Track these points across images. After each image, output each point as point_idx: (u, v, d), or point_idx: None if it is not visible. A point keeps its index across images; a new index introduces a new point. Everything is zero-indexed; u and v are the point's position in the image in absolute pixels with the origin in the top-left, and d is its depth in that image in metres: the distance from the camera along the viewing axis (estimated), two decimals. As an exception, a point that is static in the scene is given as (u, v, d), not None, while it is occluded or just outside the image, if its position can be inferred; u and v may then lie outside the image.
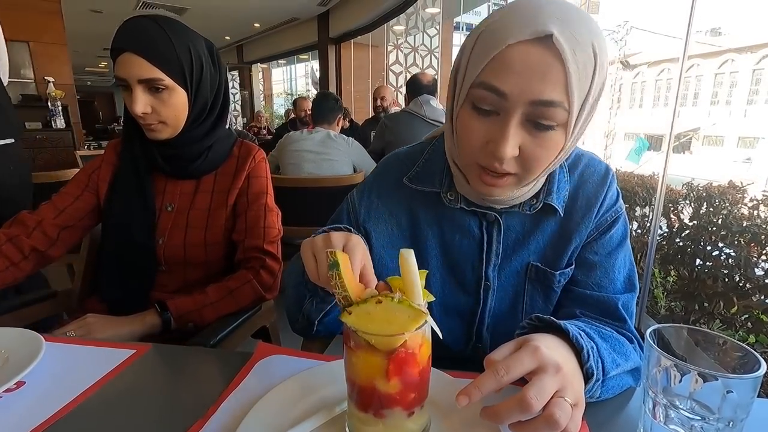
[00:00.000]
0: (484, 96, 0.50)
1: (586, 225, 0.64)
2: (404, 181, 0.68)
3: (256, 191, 1.01)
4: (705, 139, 25.65)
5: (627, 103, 29.83)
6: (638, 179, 2.45)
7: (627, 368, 0.55)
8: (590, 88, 0.50)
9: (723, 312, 1.68)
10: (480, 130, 0.52)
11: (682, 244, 1.97)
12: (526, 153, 0.52)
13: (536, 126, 0.50)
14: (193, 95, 0.90)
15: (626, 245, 0.67)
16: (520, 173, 0.54)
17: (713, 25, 33.13)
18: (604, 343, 0.53)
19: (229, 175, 1.01)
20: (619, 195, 0.67)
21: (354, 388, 0.43)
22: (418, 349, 0.41)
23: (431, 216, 0.67)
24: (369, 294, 0.41)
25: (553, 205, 0.63)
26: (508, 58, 0.48)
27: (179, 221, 0.97)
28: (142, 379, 0.58)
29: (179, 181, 0.99)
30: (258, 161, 1.03)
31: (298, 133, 2.35)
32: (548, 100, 0.48)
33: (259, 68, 12.14)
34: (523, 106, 0.49)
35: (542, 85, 0.47)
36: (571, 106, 0.49)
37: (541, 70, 0.47)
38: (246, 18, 8.34)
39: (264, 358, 0.61)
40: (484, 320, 0.68)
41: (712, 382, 0.38)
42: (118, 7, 7.40)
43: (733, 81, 24.25)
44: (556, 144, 0.52)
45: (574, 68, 0.47)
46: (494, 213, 0.64)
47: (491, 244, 0.65)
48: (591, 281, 0.64)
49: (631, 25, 20.44)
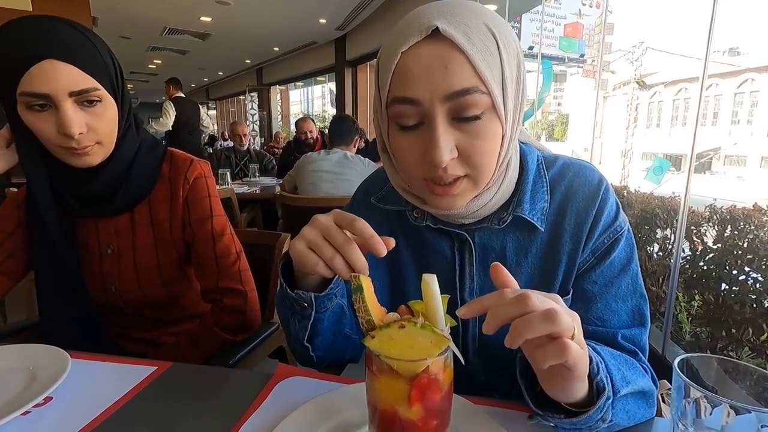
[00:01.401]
0: (401, 111, 0.50)
1: (577, 245, 0.58)
2: (372, 201, 0.67)
3: (198, 218, 0.87)
4: (726, 159, 25.11)
5: (644, 123, 29.52)
6: (658, 201, 2.40)
7: (639, 388, 0.50)
8: (502, 66, 0.49)
9: (752, 339, 1.61)
10: (413, 146, 0.51)
11: (706, 267, 1.91)
12: (464, 150, 0.50)
13: (463, 120, 0.49)
14: (120, 104, 0.77)
15: (631, 270, 0.59)
16: (471, 173, 0.52)
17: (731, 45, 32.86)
18: (612, 360, 0.49)
19: (164, 202, 0.86)
20: (618, 209, 0.60)
21: (375, 413, 0.43)
22: (440, 375, 0.41)
23: (407, 238, 0.66)
24: (391, 318, 0.42)
25: (524, 217, 0.58)
26: (406, 66, 0.48)
27: (125, 264, 0.85)
28: (164, 397, 0.59)
29: (111, 218, 0.84)
30: (194, 179, 0.87)
31: (316, 154, 2.40)
32: (461, 89, 0.47)
33: (277, 90, 12.47)
34: (440, 105, 0.47)
35: (448, 77, 0.46)
36: (489, 87, 0.47)
37: (441, 64, 0.46)
38: (266, 42, 8.64)
39: (283, 379, 0.61)
40: (468, 346, 0.64)
41: (745, 415, 0.37)
42: (145, 34, 7.78)
43: (754, 100, 23.84)
44: (492, 133, 0.50)
45: (474, 50, 0.46)
46: (464, 232, 0.60)
47: (464, 266, 0.62)
48: (592, 315, 0.57)
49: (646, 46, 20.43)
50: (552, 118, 43.02)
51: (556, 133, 40.70)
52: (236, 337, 0.87)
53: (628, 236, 0.59)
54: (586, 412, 0.44)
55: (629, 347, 0.57)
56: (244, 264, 0.91)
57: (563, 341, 0.37)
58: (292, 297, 0.55)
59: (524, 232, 0.60)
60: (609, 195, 0.60)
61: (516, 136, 0.54)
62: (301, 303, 0.55)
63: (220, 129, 14.76)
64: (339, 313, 0.61)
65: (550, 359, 0.38)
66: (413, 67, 0.47)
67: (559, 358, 0.37)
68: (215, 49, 8.90)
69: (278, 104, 12.59)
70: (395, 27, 0.51)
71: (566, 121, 40.57)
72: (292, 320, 0.59)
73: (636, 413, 0.51)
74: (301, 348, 0.61)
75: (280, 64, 10.66)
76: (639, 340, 0.57)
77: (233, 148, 4.00)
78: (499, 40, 0.48)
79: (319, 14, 6.62)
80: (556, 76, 20.50)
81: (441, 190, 0.52)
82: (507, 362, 0.57)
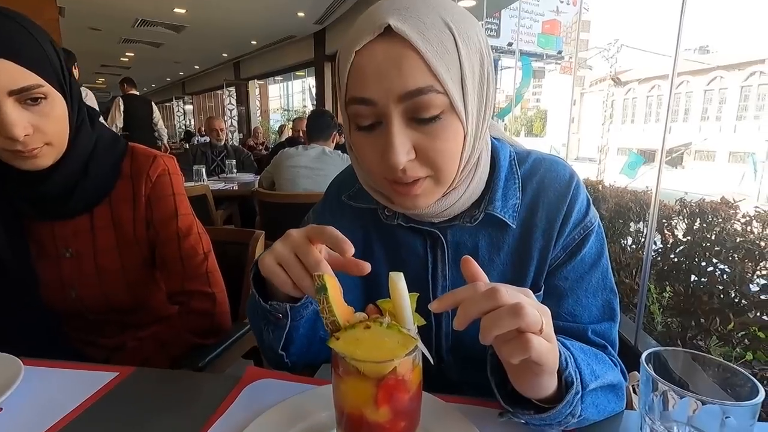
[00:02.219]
0: (358, 111, 0.49)
1: (549, 241, 0.58)
2: (343, 198, 0.65)
3: (161, 217, 0.82)
4: (696, 154, 26.01)
5: (619, 119, 30.29)
6: (631, 195, 2.46)
7: (608, 382, 0.51)
8: (461, 64, 0.47)
9: (720, 328, 1.67)
10: (371, 147, 0.50)
11: (677, 260, 1.97)
12: (423, 151, 0.49)
13: (420, 121, 0.47)
14: (70, 99, 0.71)
15: (602, 265, 0.59)
16: (432, 174, 0.51)
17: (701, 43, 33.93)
18: (582, 354, 0.49)
19: (126, 202, 0.81)
20: (589, 205, 0.59)
21: (342, 416, 0.42)
22: (408, 375, 0.40)
23: (380, 235, 0.64)
24: (358, 318, 0.40)
25: (496, 215, 0.57)
26: (360, 65, 0.47)
27: (86, 268, 0.80)
28: (125, 405, 0.56)
29: (68, 220, 0.79)
30: (156, 177, 0.82)
31: (294, 149, 2.36)
32: (415, 89, 0.45)
33: (255, 84, 12.26)
34: (395, 105, 0.46)
35: (402, 77, 0.45)
36: (445, 86, 0.46)
37: (395, 63, 0.45)
38: (243, 36, 8.47)
39: (252, 382, 0.60)
40: (442, 344, 0.63)
41: (710, 407, 0.37)
42: (116, 25, 7.51)
43: (722, 97, 24.74)
44: (452, 133, 0.49)
45: (428, 47, 0.45)
46: (436, 230, 0.59)
47: (436, 264, 0.61)
48: (563, 311, 0.57)
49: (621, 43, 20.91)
50: (531, 114, 43.67)
51: (535, 128, 41.36)
52: (206, 341, 0.84)
53: (598, 231, 0.59)
54: (555, 407, 0.44)
55: (599, 342, 0.57)
56: (212, 264, 0.87)
57: (526, 336, 0.37)
58: (266, 309, 0.53)
59: (496, 229, 0.59)
60: (580, 191, 0.59)
61: (482, 134, 0.53)
62: (275, 314, 0.53)
63: (197, 124, 14.44)
64: (314, 318, 0.59)
65: (515, 354, 0.38)
66: (367, 66, 0.46)
67: (523, 353, 0.37)
68: (191, 41, 8.68)
69: (257, 99, 12.39)
70: (354, 25, 0.50)
71: (545, 116, 41.26)
72: (265, 330, 0.57)
73: (606, 407, 0.51)
74: (275, 356, 0.60)
75: (258, 58, 10.47)
76: (609, 334, 0.58)
77: (209, 143, 3.90)
78: (458, 36, 0.47)
79: (297, 7, 6.52)
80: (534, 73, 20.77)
81: (403, 189, 0.51)
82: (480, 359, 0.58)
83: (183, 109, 20.18)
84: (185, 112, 20.37)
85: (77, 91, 0.73)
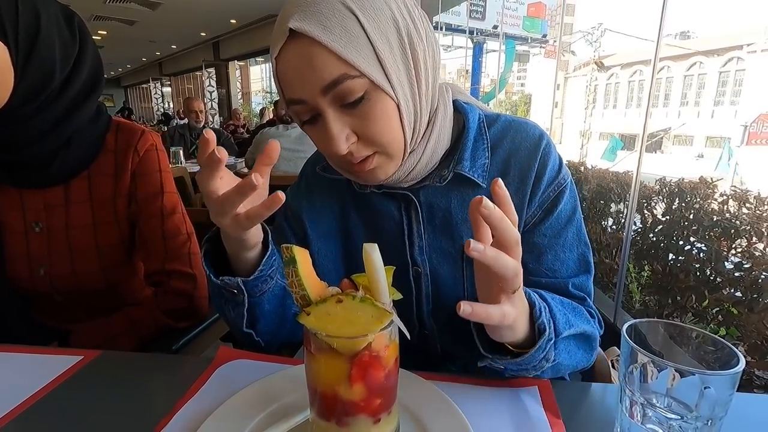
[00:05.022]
0: (296, 110, 0.51)
1: (522, 198, 0.59)
2: (317, 170, 0.67)
3: (146, 194, 0.79)
4: (675, 138, 26.57)
5: (602, 104, 30.62)
6: (613, 176, 2.48)
7: (581, 330, 0.53)
8: (371, 41, 0.47)
9: (695, 305, 1.71)
10: (318, 137, 0.53)
11: (655, 239, 2.01)
12: (361, 133, 0.51)
13: (349, 106, 0.49)
14: (22, 56, 0.63)
15: (576, 220, 0.61)
16: (380, 149, 0.52)
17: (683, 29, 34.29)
18: (559, 306, 0.52)
19: (107, 176, 0.77)
20: (561, 164, 0.61)
21: (315, 395, 0.40)
22: (383, 352, 0.38)
23: (356, 204, 0.66)
24: (330, 293, 0.38)
25: (465, 174, 0.58)
26: (282, 71, 0.49)
27: (57, 245, 0.76)
28: (88, 390, 0.54)
29: (39, 190, 0.74)
30: (144, 151, 0.79)
31: (274, 129, 2.30)
32: (331, 81, 0.47)
33: (236, 66, 11.93)
34: (321, 99, 0.48)
35: (316, 73, 0.47)
36: (360, 69, 0.47)
37: (307, 62, 0.47)
38: (222, 13, 8.18)
39: (225, 363, 0.57)
40: (423, 307, 0.63)
41: (689, 378, 0.37)
42: (86, 2, 7.16)
43: (701, 83, 25.19)
44: (382, 110, 0.50)
45: (332, 38, 0.46)
46: (409, 192, 0.60)
47: (411, 225, 0.62)
48: (543, 267, 0.60)
49: (605, 28, 21.00)
50: (515, 98, 43.79)
51: (519, 113, 41.55)
52: (179, 324, 0.81)
53: (571, 188, 0.61)
54: (528, 351, 0.47)
55: (579, 294, 0.60)
56: (195, 247, 0.84)
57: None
58: (218, 284, 0.53)
59: (467, 189, 0.60)
60: (551, 149, 0.60)
61: (425, 96, 0.54)
62: (229, 289, 0.53)
63: (177, 107, 14.02)
64: (281, 294, 0.58)
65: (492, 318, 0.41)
66: (287, 71, 0.49)
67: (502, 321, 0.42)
68: (166, 19, 8.35)
69: (238, 81, 12.07)
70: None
71: (529, 101, 41.44)
72: (226, 308, 0.57)
73: (576, 354, 0.54)
74: (243, 335, 0.58)
75: (238, 37, 10.16)
76: (586, 286, 0.61)
77: (188, 125, 3.78)
78: (360, 15, 0.47)
79: (278, -16, 6.31)
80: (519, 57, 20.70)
81: (357, 168, 0.53)
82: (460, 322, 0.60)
83: (161, 91, 19.56)
84: (163, 95, 19.76)
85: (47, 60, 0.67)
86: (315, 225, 0.67)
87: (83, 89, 0.72)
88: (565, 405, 0.49)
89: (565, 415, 0.47)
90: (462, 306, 0.39)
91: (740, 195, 1.73)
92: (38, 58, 0.64)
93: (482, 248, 0.37)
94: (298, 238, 0.68)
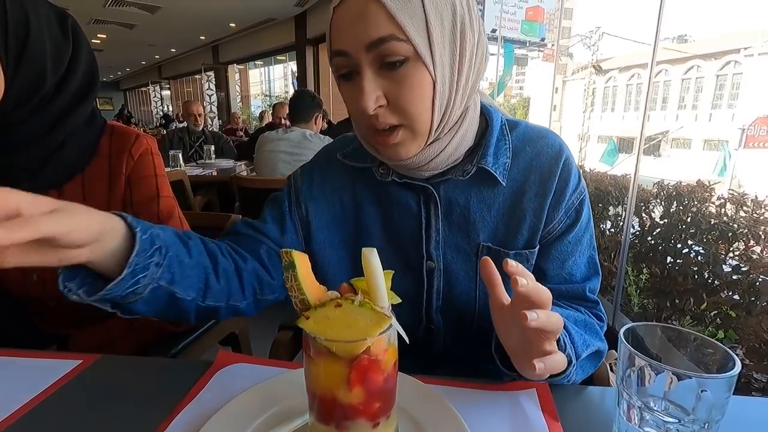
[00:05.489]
0: (338, 62, 0.53)
1: (543, 202, 0.60)
2: (338, 156, 0.67)
3: (142, 199, 0.78)
4: (673, 141, 26.64)
5: (600, 107, 30.71)
6: (611, 179, 2.49)
7: (595, 349, 0.57)
8: (426, 16, 0.49)
9: (693, 308, 1.71)
10: (350, 95, 0.54)
11: (653, 242, 2.01)
12: (392, 98, 0.52)
13: (386, 66, 0.51)
14: (12, 59, 0.62)
15: (590, 227, 0.64)
16: (404, 122, 0.53)
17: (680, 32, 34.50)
18: (575, 327, 0.54)
19: (101, 181, 0.76)
20: (579, 173, 0.63)
21: (314, 399, 0.40)
22: (382, 355, 0.38)
23: (371, 194, 0.66)
24: (329, 297, 0.38)
25: (488, 169, 0.59)
26: (337, 20, 0.52)
27: None
28: (87, 394, 0.53)
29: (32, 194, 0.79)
30: (139, 156, 0.78)
31: (274, 133, 2.31)
32: (378, 38, 0.49)
33: (235, 69, 11.95)
34: (364, 54, 0.50)
35: (367, 28, 0.49)
36: (408, 34, 0.49)
37: (361, 15, 0.49)
38: (221, 17, 8.20)
39: (224, 367, 0.57)
40: (432, 303, 0.64)
41: (686, 381, 0.37)
42: (85, 5, 7.17)
43: (699, 86, 25.29)
44: (418, 81, 0.51)
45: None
46: (429, 186, 0.61)
47: (429, 219, 0.62)
48: (564, 272, 0.62)
49: (603, 31, 21.07)
50: (514, 101, 43.90)
51: (518, 115, 41.61)
52: (178, 328, 0.81)
53: (587, 196, 0.64)
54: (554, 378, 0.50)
55: (593, 298, 0.63)
56: None
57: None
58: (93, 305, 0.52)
59: (487, 187, 0.61)
60: (571, 159, 0.63)
61: (462, 88, 0.55)
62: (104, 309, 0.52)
63: (176, 110, 14.04)
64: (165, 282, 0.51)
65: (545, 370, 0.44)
66: (340, 20, 0.51)
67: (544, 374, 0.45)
68: (166, 23, 8.37)
69: (237, 84, 12.09)
70: None
71: (528, 104, 41.55)
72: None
73: (587, 368, 0.58)
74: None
75: (237, 41, 10.18)
76: (596, 288, 0.64)
77: (187, 128, 3.78)
78: None
79: (277, -12, 6.33)
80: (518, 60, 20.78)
81: (381, 139, 0.55)
82: (468, 321, 0.62)
83: (160, 95, 19.57)
84: (162, 98, 19.77)
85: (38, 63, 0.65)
86: (320, 213, 0.67)
87: (78, 92, 0.71)
88: (563, 408, 0.49)
89: (563, 418, 0.47)
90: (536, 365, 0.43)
91: (737, 198, 1.73)
92: (29, 60, 0.63)
93: (536, 316, 0.40)
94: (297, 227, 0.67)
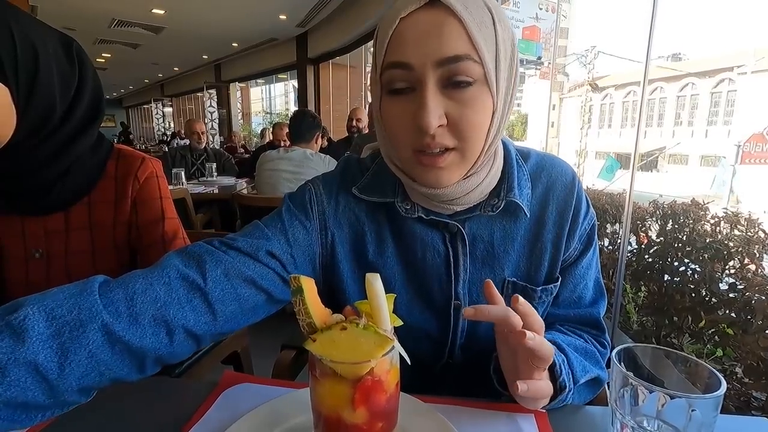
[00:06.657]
0: (394, 75, 0.50)
1: (561, 232, 0.61)
2: (353, 191, 0.62)
3: (147, 221, 0.80)
4: (670, 158, 26.86)
5: (597, 124, 31.04)
6: (608, 197, 2.52)
7: (594, 375, 0.57)
8: (497, 41, 0.50)
9: (692, 326, 1.72)
10: (403, 111, 0.51)
11: (651, 260, 2.03)
12: (453, 118, 0.50)
13: (453, 85, 0.49)
14: (23, 95, 0.63)
15: (597, 251, 0.66)
16: (458, 145, 0.51)
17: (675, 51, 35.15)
18: (575, 353, 0.55)
19: (108, 204, 0.78)
20: (588, 199, 0.65)
21: (320, 418, 0.41)
22: (385, 376, 0.40)
23: (394, 230, 0.62)
24: (334, 320, 0.40)
25: (517, 202, 0.58)
26: (403, 31, 0.49)
27: (55, 271, 0.76)
28: (92, 416, 0.55)
29: (40, 216, 0.75)
30: (144, 179, 0.80)
31: (275, 152, 2.34)
32: (453, 56, 0.47)
33: (237, 87, 12.11)
34: (432, 70, 0.48)
35: (442, 43, 0.47)
36: (482, 56, 0.48)
37: (437, 30, 0.47)
38: (224, 38, 8.36)
39: (229, 387, 0.59)
40: (456, 341, 0.63)
41: (677, 401, 0.39)
42: (91, 25, 7.32)
43: (694, 103, 25.63)
44: (482, 103, 0.50)
45: (471, 19, 0.47)
46: (456, 223, 0.59)
47: (458, 258, 0.60)
48: (575, 296, 0.63)
49: (598, 50, 21.47)
50: (512, 118, 44.33)
51: (516, 133, 42.00)
52: None
53: (596, 221, 0.66)
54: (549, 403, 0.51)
55: (600, 324, 0.64)
56: None
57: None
58: None
59: (511, 220, 0.61)
60: (581, 186, 0.64)
61: (507, 116, 0.55)
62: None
63: (177, 127, 14.16)
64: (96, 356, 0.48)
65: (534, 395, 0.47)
66: (409, 32, 0.49)
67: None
68: (169, 43, 8.53)
69: (238, 102, 12.24)
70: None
71: (525, 121, 41.96)
72: None
73: (584, 394, 0.59)
74: None
75: (239, 60, 10.35)
76: (602, 312, 0.65)
77: (189, 146, 3.83)
78: (495, 16, 0.50)
79: (279, 10, 6.48)
80: (515, 78, 21.04)
81: (429, 160, 0.52)
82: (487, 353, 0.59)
83: (162, 112, 19.78)
84: (164, 115, 19.97)
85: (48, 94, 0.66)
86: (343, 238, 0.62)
87: (84, 118, 0.72)
88: (558, 427, 0.50)
89: (558, 438, 0.48)
90: (519, 386, 0.45)
91: (731, 217, 1.76)
92: (39, 95, 0.65)
93: (533, 336, 0.43)
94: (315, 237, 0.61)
